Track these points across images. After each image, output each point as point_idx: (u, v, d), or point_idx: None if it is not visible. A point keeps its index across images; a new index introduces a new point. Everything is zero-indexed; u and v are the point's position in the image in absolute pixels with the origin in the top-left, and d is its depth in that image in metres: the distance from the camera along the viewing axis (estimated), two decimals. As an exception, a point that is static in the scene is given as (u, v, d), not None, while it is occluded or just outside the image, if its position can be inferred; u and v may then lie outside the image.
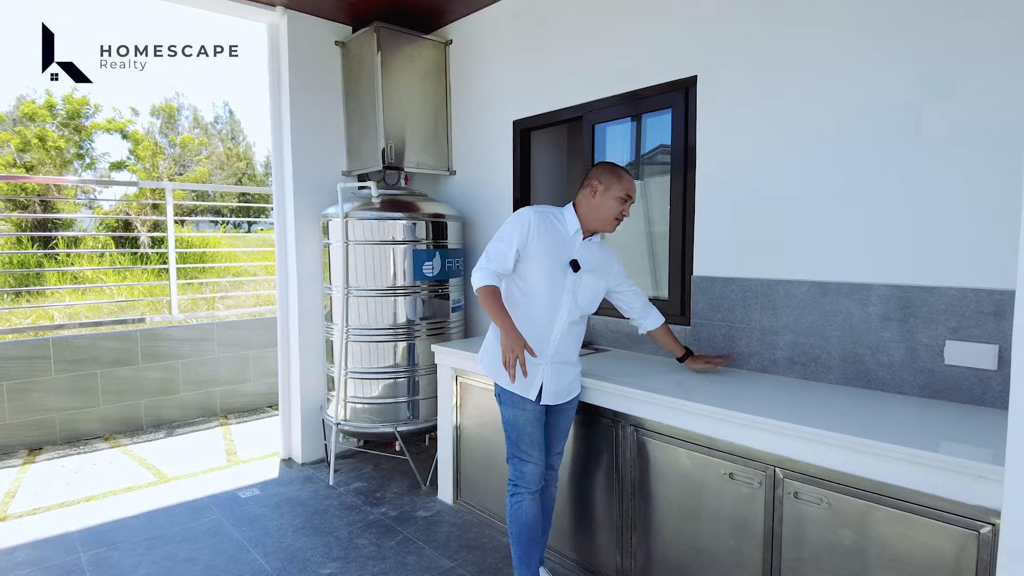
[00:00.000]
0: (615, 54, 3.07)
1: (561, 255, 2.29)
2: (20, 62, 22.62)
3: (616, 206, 2.28)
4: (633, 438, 2.41)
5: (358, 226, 3.45)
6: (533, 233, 2.24)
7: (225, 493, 3.55)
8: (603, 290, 2.43)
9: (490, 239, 2.40)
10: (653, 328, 2.57)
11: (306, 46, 3.80)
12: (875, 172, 2.25)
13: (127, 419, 4.84)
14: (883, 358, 2.26)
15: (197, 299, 7.68)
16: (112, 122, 14.41)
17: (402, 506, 3.33)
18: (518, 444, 2.34)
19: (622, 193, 2.28)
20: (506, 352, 2.10)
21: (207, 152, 17.38)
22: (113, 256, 9.79)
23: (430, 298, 3.62)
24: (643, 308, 2.56)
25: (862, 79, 2.26)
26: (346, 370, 3.56)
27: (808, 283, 2.44)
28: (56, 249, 8.84)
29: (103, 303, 7.53)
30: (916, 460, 1.65)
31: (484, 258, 2.28)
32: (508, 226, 2.28)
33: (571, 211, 2.35)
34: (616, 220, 2.30)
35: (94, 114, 14.16)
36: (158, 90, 18.57)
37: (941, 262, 2.12)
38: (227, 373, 5.33)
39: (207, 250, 8.22)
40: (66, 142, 13.55)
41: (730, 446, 2.09)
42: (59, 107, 13.68)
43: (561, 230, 2.32)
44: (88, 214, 11.05)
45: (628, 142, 3.22)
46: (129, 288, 7.93)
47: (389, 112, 3.70)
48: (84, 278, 8.48)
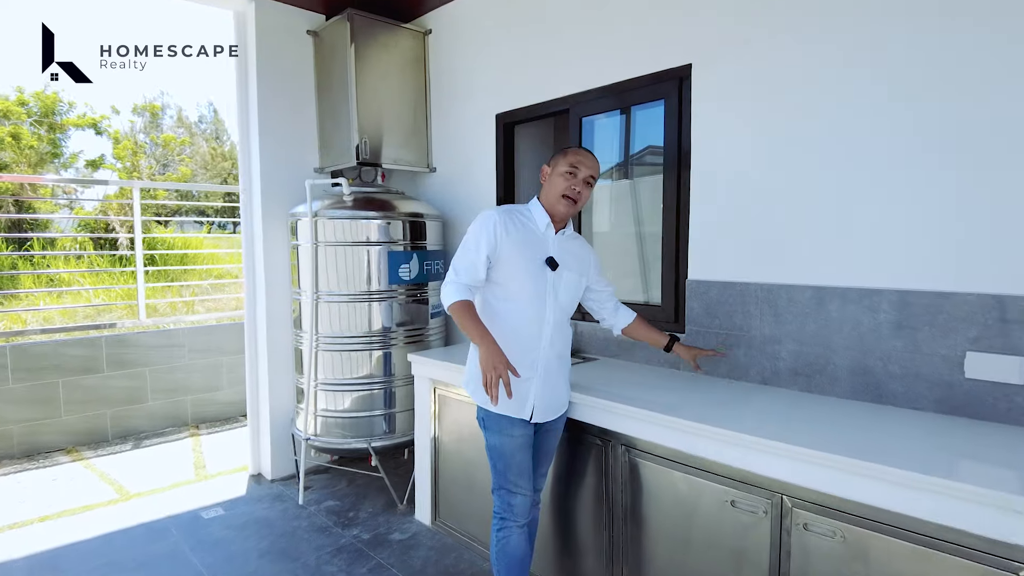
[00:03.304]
0: (603, 41, 2.86)
1: (536, 253, 2.08)
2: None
3: (562, 182, 2.07)
4: (624, 459, 2.20)
5: (328, 226, 3.22)
6: (501, 234, 2.03)
7: (187, 513, 3.31)
8: (583, 287, 2.24)
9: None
10: (626, 325, 2.37)
11: (275, 35, 3.56)
12: (887, 168, 2.05)
13: (91, 430, 4.59)
14: (895, 370, 2.06)
15: (177, 303, 7.42)
16: (84, 117, 14.01)
17: (376, 527, 3.10)
18: (505, 474, 2.12)
19: (566, 166, 2.07)
20: (487, 371, 1.88)
21: (191, 152, 17.02)
22: (92, 259, 9.49)
23: (407, 303, 3.39)
24: (614, 308, 2.37)
25: (879, 68, 2.06)
26: (316, 381, 3.32)
27: (813, 288, 2.24)
28: (31, 252, 8.52)
29: (78, 307, 7.25)
30: (943, 490, 1.46)
31: (452, 272, 2.06)
32: (473, 232, 2.07)
33: (537, 205, 2.15)
34: (565, 197, 2.08)
35: (68, 111, 13.79)
36: (143, 89, 18.21)
37: (959, 265, 1.93)
38: (199, 381, 5.08)
39: (188, 251, 7.93)
40: (39, 140, 13.16)
41: (732, 470, 1.88)
42: (31, 104, 13.27)
43: (531, 226, 2.12)
44: (63, 215, 10.71)
45: (618, 136, 3.02)
46: (106, 291, 7.65)
47: (363, 105, 3.47)
48: (60, 280, 8.18)
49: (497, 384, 1.86)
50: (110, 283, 8.07)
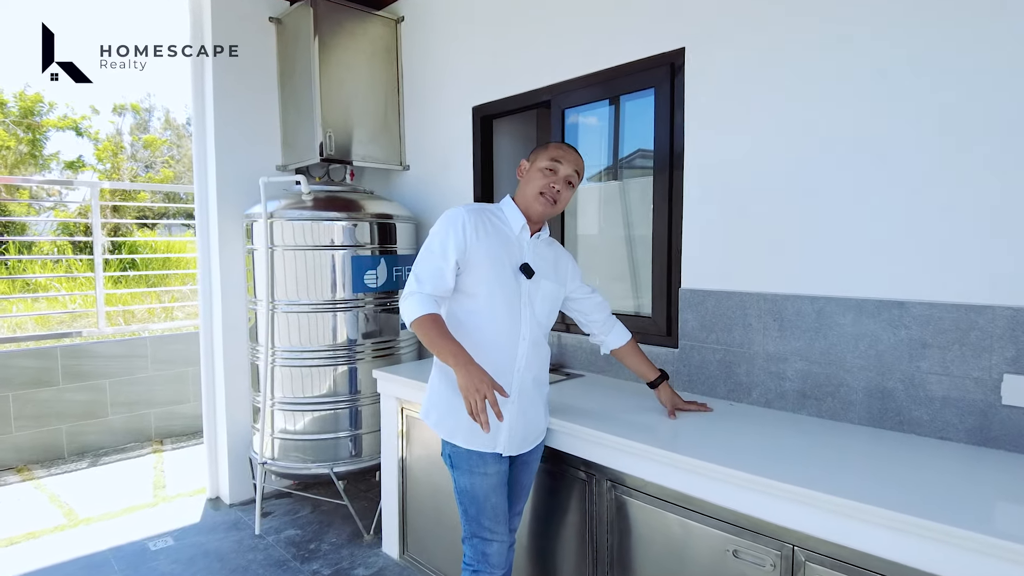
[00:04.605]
0: (588, 25, 2.59)
1: (509, 259, 1.81)
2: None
3: (540, 179, 1.81)
4: (611, 496, 1.92)
5: (286, 228, 2.92)
6: (472, 235, 1.75)
7: (134, 544, 3.01)
8: (561, 297, 1.97)
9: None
10: (618, 346, 2.09)
11: (234, 22, 3.27)
12: (911, 164, 1.79)
13: (45, 447, 4.29)
14: (920, 394, 1.80)
15: (156, 308, 7.12)
16: (65, 119, 13.63)
17: (339, 561, 2.81)
18: (479, 520, 1.82)
19: (546, 161, 1.81)
20: (470, 395, 1.55)
21: (178, 154, 16.62)
22: (70, 263, 9.16)
23: (376, 313, 3.10)
24: (605, 322, 2.09)
25: (898, 52, 1.80)
26: (273, 399, 3.02)
27: (824, 299, 1.97)
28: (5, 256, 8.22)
29: (52, 314, 6.93)
30: (983, 548, 1.19)
31: (413, 280, 1.76)
32: (438, 234, 1.77)
33: (511, 205, 1.87)
34: (542, 195, 1.81)
35: (48, 111, 13.40)
36: (124, 91, 17.71)
37: (995, 275, 1.66)
38: (163, 393, 4.78)
39: (171, 255, 7.63)
40: (17, 141, 12.77)
41: (735, 515, 1.61)
42: (11, 104, 12.91)
43: (504, 229, 1.84)
44: (30, 218, 10.34)
45: (607, 136, 2.73)
46: (83, 298, 7.32)
47: (328, 98, 3.19)
48: (33, 286, 7.84)
49: (484, 408, 1.54)
50: (87, 288, 7.75)
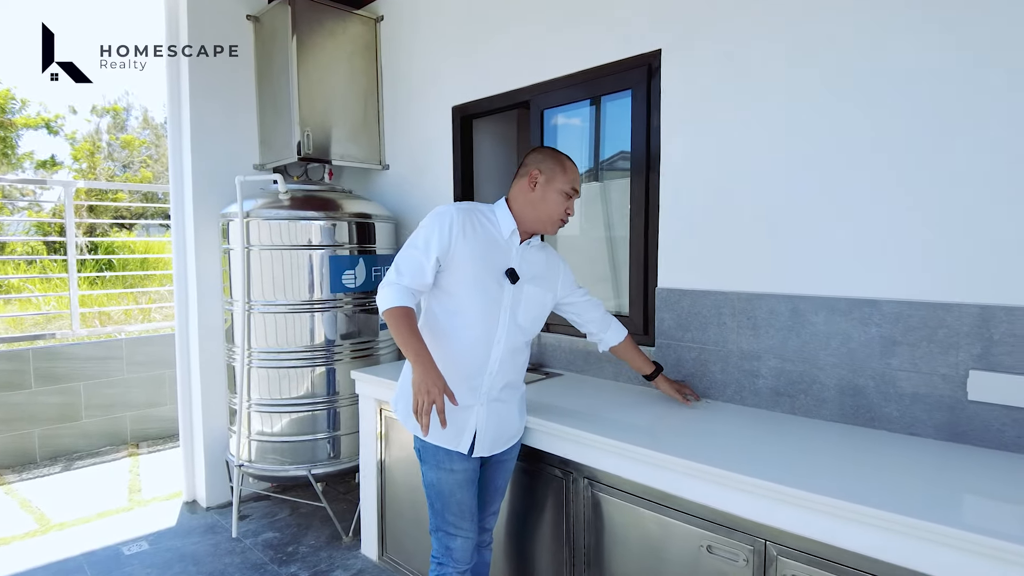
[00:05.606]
0: (568, 25, 2.60)
1: (495, 263, 1.80)
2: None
3: (561, 202, 1.82)
4: (587, 494, 1.93)
5: (263, 228, 2.90)
6: (457, 235, 1.74)
7: (107, 549, 2.96)
8: (549, 304, 1.96)
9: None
10: (615, 344, 2.11)
11: (211, 19, 3.24)
12: (882, 165, 1.82)
13: (17, 451, 4.20)
14: (890, 391, 1.83)
15: (133, 310, 7.03)
16: (39, 116, 13.40)
17: (318, 563, 2.79)
18: (443, 515, 1.83)
19: (567, 186, 1.82)
20: (419, 394, 1.57)
21: (156, 153, 16.38)
22: (45, 264, 9.00)
23: (354, 313, 3.08)
24: (601, 320, 2.10)
25: (867, 54, 1.83)
26: (249, 401, 2.99)
27: (797, 298, 2.00)
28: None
29: (26, 315, 6.81)
30: (952, 541, 1.21)
31: (394, 271, 1.75)
32: (424, 229, 1.77)
33: (504, 208, 1.86)
34: (561, 221, 1.84)
35: (21, 109, 13.15)
36: (103, 90, 17.45)
37: (962, 274, 1.70)
38: (139, 395, 4.71)
39: (149, 256, 7.53)
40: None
41: (708, 510, 1.62)
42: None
43: (493, 232, 1.83)
44: (8, 218, 10.13)
45: (587, 138, 2.74)
46: (58, 299, 7.20)
47: (306, 96, 3.16)
48: (9, 287, 7.69)
49: (429, 411, 1.56)
50: (62, 290, 7.62)
